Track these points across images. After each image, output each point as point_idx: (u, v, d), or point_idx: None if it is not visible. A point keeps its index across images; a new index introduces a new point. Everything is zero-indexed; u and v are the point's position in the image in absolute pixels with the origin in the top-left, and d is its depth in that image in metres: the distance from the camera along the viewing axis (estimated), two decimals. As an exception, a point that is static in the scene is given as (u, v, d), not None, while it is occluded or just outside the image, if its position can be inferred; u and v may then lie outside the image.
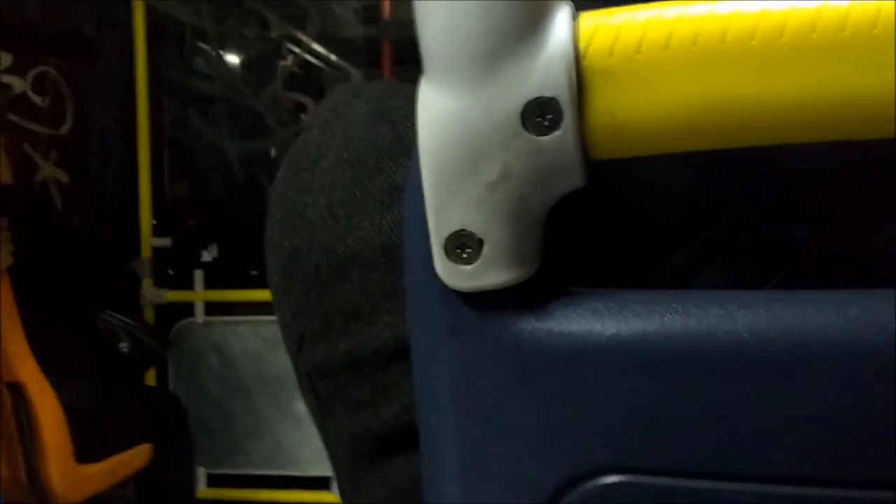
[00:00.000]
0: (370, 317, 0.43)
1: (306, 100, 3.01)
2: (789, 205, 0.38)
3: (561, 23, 0.30)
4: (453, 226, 0.33)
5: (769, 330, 0.31)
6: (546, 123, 0.30)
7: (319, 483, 2.70)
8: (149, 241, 2.82)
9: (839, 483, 0.30)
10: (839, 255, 0.38)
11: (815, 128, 0.30)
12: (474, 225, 0.32)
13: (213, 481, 2.81)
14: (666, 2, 0.30)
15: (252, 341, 2.79)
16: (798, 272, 0.38)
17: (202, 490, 2.77)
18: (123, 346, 2.30)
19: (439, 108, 0.31)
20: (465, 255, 0.33)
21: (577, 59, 0.30)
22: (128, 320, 2.34)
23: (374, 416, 0.44)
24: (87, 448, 1.97)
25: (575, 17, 0.31)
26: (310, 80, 3.10)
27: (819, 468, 0.31)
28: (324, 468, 2.63)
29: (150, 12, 2.87)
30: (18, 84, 2.69)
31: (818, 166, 0.38)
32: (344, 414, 0.45)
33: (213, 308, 2.84)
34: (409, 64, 2.69)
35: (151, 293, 2.80)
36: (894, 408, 0.30)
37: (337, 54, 3.10)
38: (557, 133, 0.30)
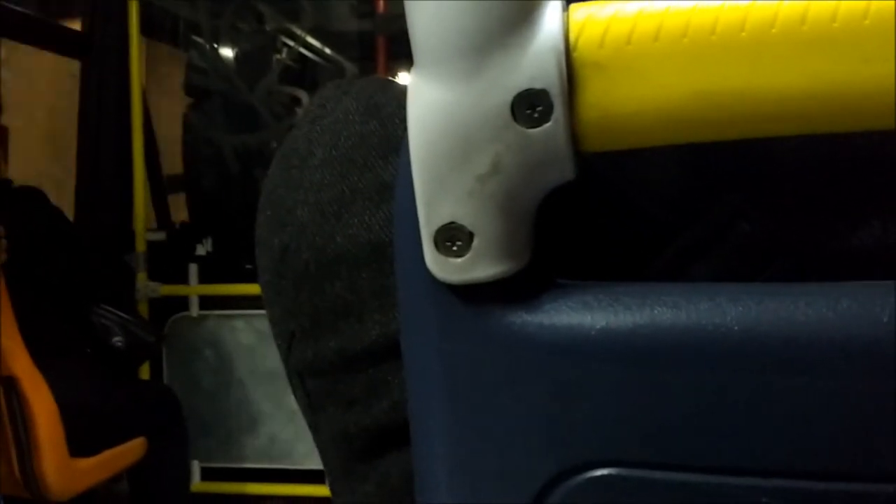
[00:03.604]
0: (360, 314, 0.43)
1: (301, 93, 3.01)
2: (780, 198, 0.38)
3: (551, 15, 0.30)
4: (443, 218, 0.33)
5: (759, 323, 0.31)
6: (536, 115, 0.30)
7: (314, 476, 2.71)
8: (143, 234, 2.82)
9: (831, 476, 0.31)
10: (830, 248, 0.38)
11: (805, 120, 0.30)
12: (465, 217, 0.32)
13: (208, 475, 2.82)
14: None
15: (246, 335, 2.79)
16: (789, 265, 0.38)
17: (196, 484, 2.77)
18: (118, 340, 2.29)
19: (430, 101, 0.31)
20: (455, 248, 0.33)
21: (568, 51, 0.30)
22: (122, 314, 2.33)
23: (365, 414, 0.44)
24: (81, 442, 1.97)
25: (565, 9, 0.31)
26: (304, 74, 3.10)
27: (811, 461, 0.31)
28: (318, 462, 2.61)
29: (145, 6, 2.86)
30: (12, 77, 2.69)
31: (808, 159, 0.38)
32: (335, 411, 0.45)
33: (207, 302, 2.84)
34: (403, 58, 2.69)
35: (146, 287, 2.79)
36: (886, 400, 0.30)
37: (331, 48, 3.10)
38: (548, 125, 0.30)
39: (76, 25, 2.91)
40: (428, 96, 0.31)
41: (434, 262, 0.33)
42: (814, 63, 0.29)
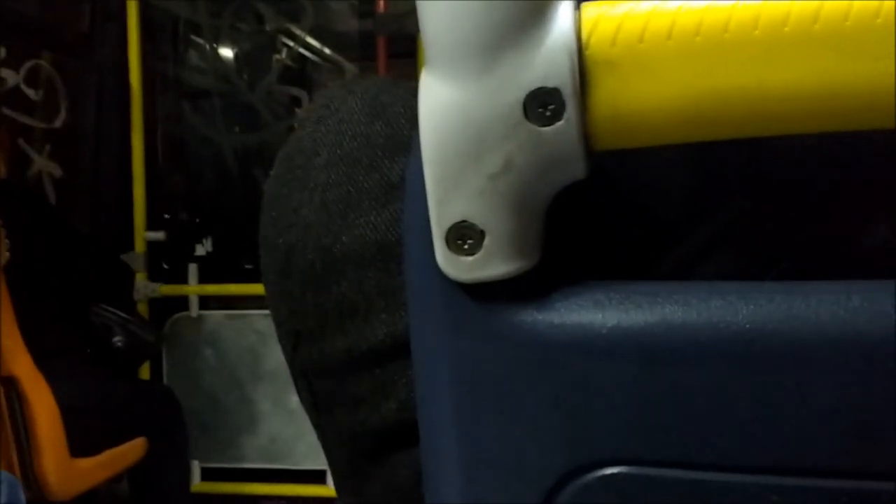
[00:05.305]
0: (366, 314, 0.42)
1: (301, 93, 3.00)
2: (789, 199, 0.39)
3: (563, 13, 0.30)
4: (455, 217, 0.33)
5: (770, 321, 0.31)
6: (548, 114, 0.30)
7: (314, 476, 2.71)
8: (143, 234, 2.82)
9: (841, 474, 0.31)
10: (838, 249, 0.38)
11: (817, 118, 0.30)
12: (476, 216, 0.32)
13: (208, 475, 2.81)
14: None
15: (246, 335, 2.79)
16: (798, 265, 0.38)
17: (196, 484, 2.77)
18: (117, 340, 2.29)
19: (442, 99, 0.31)
20: (466, 247, 0.33)
21: (580, 49, 0.30)
22: (122, 314, 2.33)
23: (372, 414, 0.43)
24: (82, 442, 1.97)
25: (577, 7, 0.31)
26: (304, 74, 3.10)
27: (821, 459, 0.31)
28: (318, 462, 2.63)
29: (144, 6, 2.86)
30: (12, 77, 2.68)
31: (817, 160, 0.38)
32: (341, 412, 0.45)
33: (207, 302, 2.84)
34: (404, 58, 2.69)
35: (145, 287, 2.79)
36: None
37: (331, 48, 3.10)
38: (560, 123, 0.30)
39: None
40: (439, 94, 0.31)
41: (445, 260, 0.33)
42: (826, 61, 0.29)
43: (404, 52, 2.61)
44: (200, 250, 2.99)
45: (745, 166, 0.38)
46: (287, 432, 2.77)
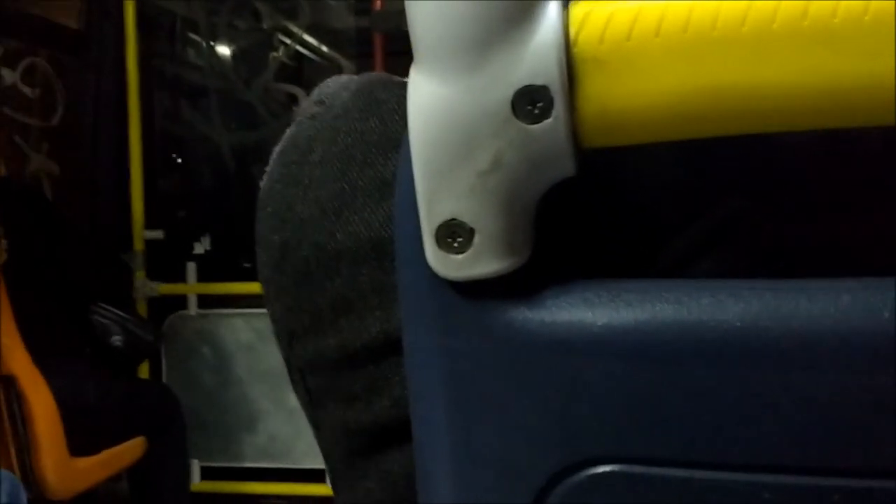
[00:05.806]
0: (360, 311, 0.43)
1: (298, 91, 3.00)
2: (782, 197, 0.39)
3: (552, 10, 0.30)
4: (444, 215, 0.33)
5: (760, 319, 0.31)
6: (537, 112, 0.30)
7: (313, 475, 2.70)
8: (141, 233, 2.82)
9: (832, 472, 0.31)
10: (831, 245, 0.38)
11: (806, 115, 0.30)
12: (465, 214, 0.32)
13: (207, 474, 2.81)
14: None
15: (245, 333, 2.79)
16: (790, 262, 0.38)
17: (196, 483, 2.77)
18: (116, 338, 2.29)
19: (430, 97, 0.31)
20: (456, 245, 0.33)
21: (568, 46, 0.30)
22: (121, 313, 2.33)
23: (366, 410, 0.43)
24: (81, 441, 1.97)
25: (566, 5, 0.31)
26: (301, 72, 3.10)
27: (812, 457, 0.31)
28: (318, 461, 2.61)
29: (141, 3, 2.86)
30: (9, 75, 2.68)
31: (811, 157, 0.38)
32: (336, 408, 0.45)
33: (206, 300, 2.84)
34: (400, 55, 2.69)
35: (144, 286, 2.79)
36: (886, 396, 0.30)
37: (328, 45, 3.09)
38: (548, 121, 0.30)
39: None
40: (428, 92, 0.31)
41: (435, 258, 0.33)
42: (814, 58, 0.29)
43: (401, 49, 2.59)
44: (199, 249, 2.99)
45: (740, 164, 0.38)
46: (286, 431, 2.77)
